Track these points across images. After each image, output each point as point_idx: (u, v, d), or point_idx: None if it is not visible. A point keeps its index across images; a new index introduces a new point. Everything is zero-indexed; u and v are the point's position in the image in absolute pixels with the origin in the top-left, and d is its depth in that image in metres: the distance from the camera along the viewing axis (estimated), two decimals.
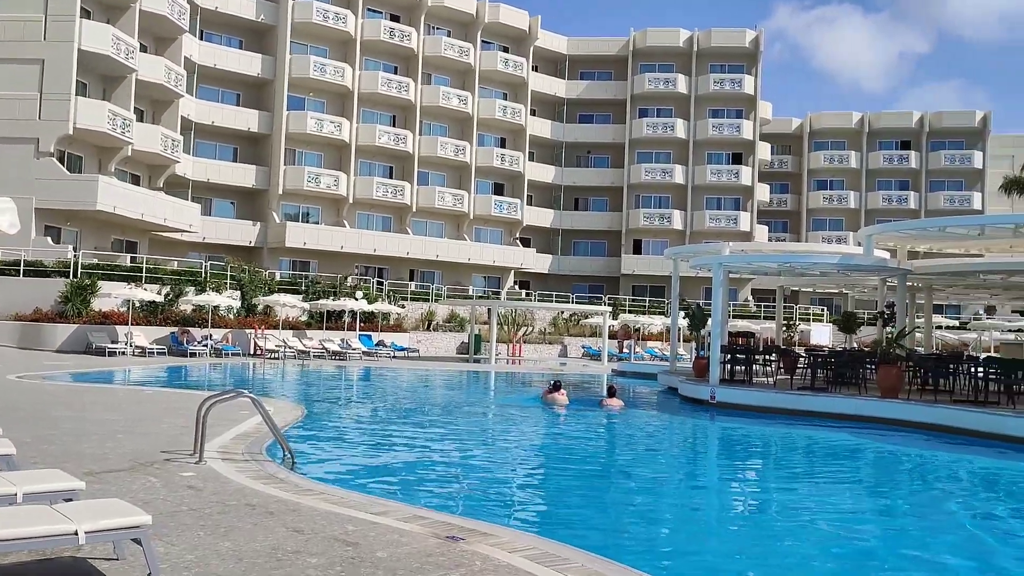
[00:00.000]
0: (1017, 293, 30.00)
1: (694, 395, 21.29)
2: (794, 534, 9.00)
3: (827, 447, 15.49)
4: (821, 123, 67.73)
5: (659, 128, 59.32)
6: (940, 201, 64.22)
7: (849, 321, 27.97)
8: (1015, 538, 9.21)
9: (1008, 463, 13.95)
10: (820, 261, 21.34)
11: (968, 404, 17.52)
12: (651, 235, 59.40)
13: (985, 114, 66.03)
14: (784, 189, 68.07)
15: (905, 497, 11.49)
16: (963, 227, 20.03)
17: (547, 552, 6.60)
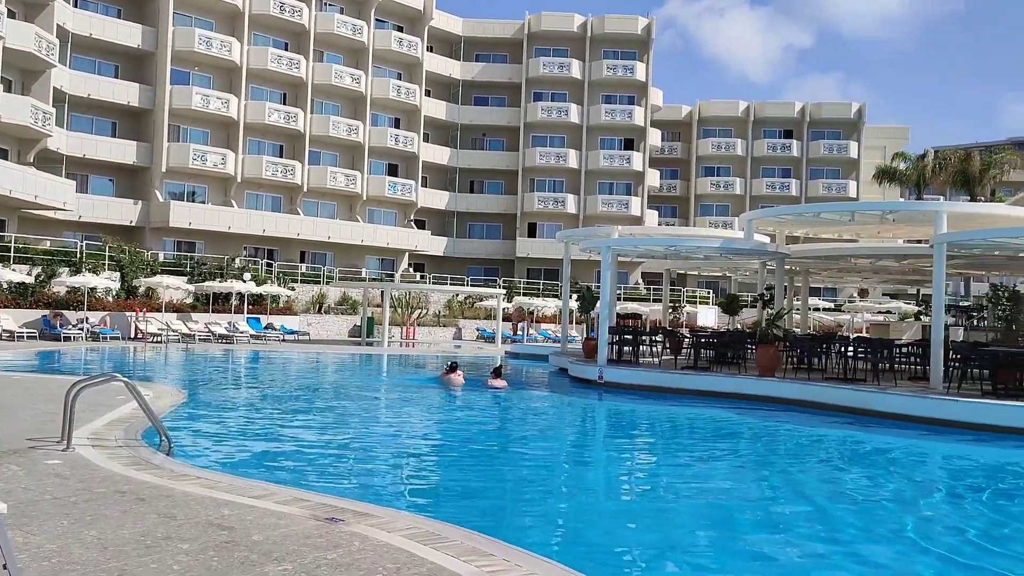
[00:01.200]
0: (886, 276, 31.73)
1: (583, 375, 21.70)
2: (676, 508, 9.31)
3: (708, 424, 16.05)
4: (709, 111, 69.74)
5: (553, 112, 59.84)
6: (819, 189, 67.19)
7: (732, 303, 29.04)
8: (874, 502, 9.78)
9: (871, 436, 14.76)
10: (703, 245, 22.05)
11: (838, 381, 18.46)
12: (546, 218, 60.00)
13: (860, 106, 69.33)
14: (674, 175, 69.85)
15: (779, 469, 12.03)
16: (835, 213, 21.03)
17: (427, 531, 6.63)
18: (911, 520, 8.97)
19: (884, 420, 15.86)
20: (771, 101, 70.33)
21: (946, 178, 50.24)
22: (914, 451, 13.74)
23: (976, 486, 11.25)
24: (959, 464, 12.99)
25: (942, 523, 9.09)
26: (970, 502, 10.24)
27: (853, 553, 7.60)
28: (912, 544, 7.99)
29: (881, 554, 7.59)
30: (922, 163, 50.95)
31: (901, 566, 7.28)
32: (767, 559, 7.32)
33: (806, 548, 7.74)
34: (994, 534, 8.59)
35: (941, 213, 18.61)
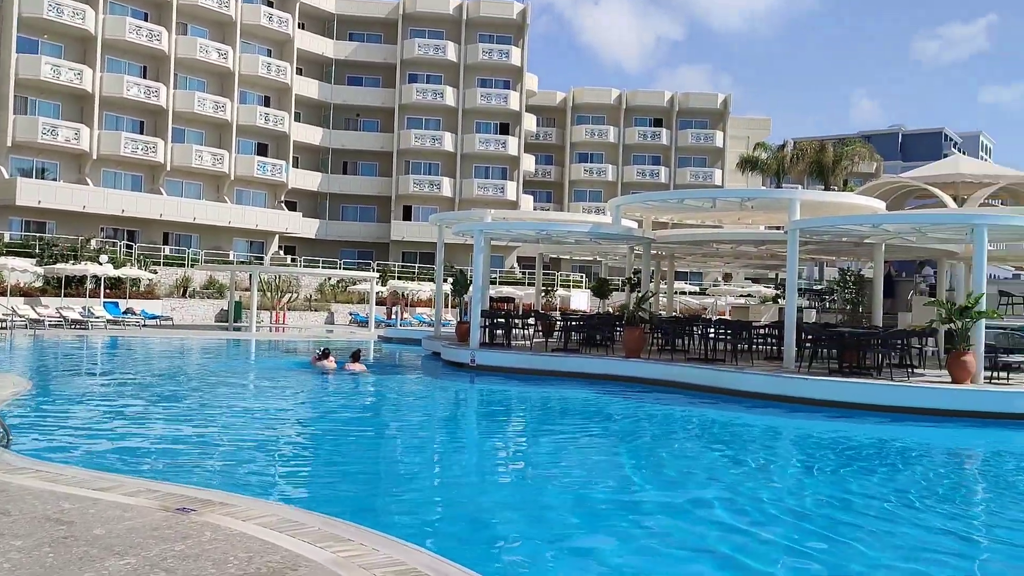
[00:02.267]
0: (746, 261, 33.15)
1: (455, 359, 21.72)
2: (544, 489, 9.44)
3: (574, 405, 16.37)
4: (583, 98, 70.88)
5: (429, 95, 59.42)
6: (687, 176, 69.52)
7: (602, 287, 29.71)
8: (729, 475, 10.23)
9: (729, 414, 15.41)
10: (573, 230, 22.42)
11: (699, 362, 19.20)
12: (421, 201, 59.62)
13: (726, 97, 72.04)
14: (549, 160, 70.73)
15: (641, 447, 12.40)
16: (698, 200, 21.78)
17: (285, 518, 6.48)
18: (763, 490, 9.42)
19: (742, 398, 16.58)
20: (642, 90, 72.14)
21: (803, 168, 53.06)
22: (764, 426, 14.43)
23: (821, 457, 11.93)
24: (804, 437, 13.73)
25: (789, 491, 9.59)
26: (816, 472, 10.85)
27: (717, 521, 7.91)
28: (764, 512, 8.39)
29: (732, 521, 7.93)
30: (781, 153, 53.63)
31: (751, 531, 7.63)
32: (628, 537, 7.53)
33: (666, 522, 8.01)
34: (838, 502, 9.13)
35: (795, 201, 19.57)
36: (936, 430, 14.09)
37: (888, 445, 12.83)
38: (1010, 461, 12.36)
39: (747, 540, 7.44)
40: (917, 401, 15.16)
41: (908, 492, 9.75)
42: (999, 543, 7.88)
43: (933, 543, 7.59)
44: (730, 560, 6.81)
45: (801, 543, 7.43)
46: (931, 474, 11.11)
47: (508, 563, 6.70)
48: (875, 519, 8.38)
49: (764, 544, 7.36)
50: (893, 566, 6.84)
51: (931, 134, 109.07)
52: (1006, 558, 7.37)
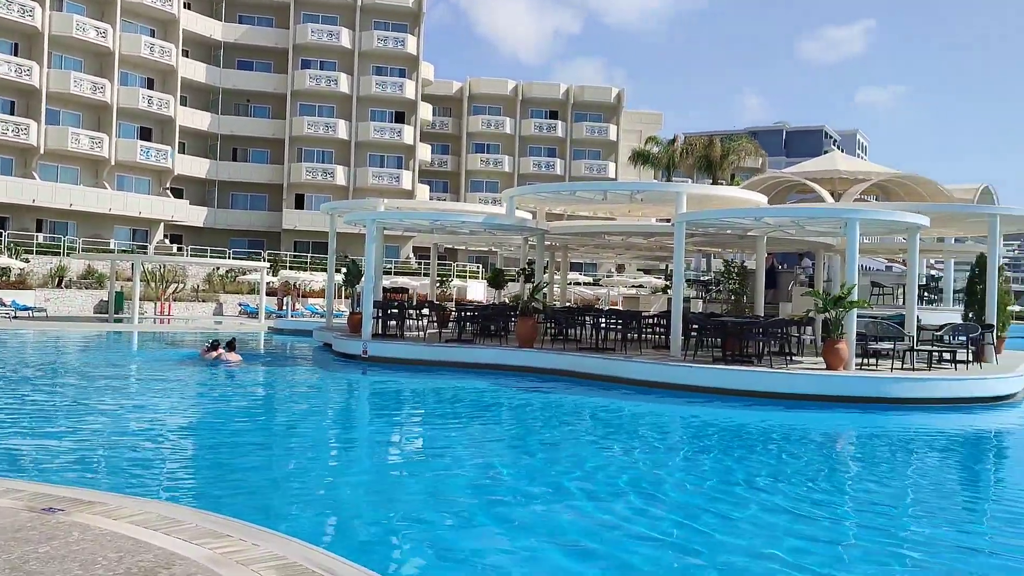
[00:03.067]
0: (637, 252, 33.94)
1: (347, 350, 21.45)
2: (434, 479, 9.43)
3: (467, 394, 16.42)
4: (480, 88, 70.90)
5: (322, 81, 58.22)
6: (582, 169, 70.51)
7: (497, 277, 29.90)
8: (618, 459, 10.47)
9: (616, 401, 15.77)
10: (467, 220, 22.43)
11: (590, 351, 19.55)
12: (314, 190, 58.44)
13: (619, 91, 73.33)
14: (445, 150, 70.51)
15: (535, 434, 12.54)
16: (589, 192, 22.16)
17: (160, 516, 6.26)
18: (644, 473, 9.69)
19: (631, 386, 16.99)
20: (538, 82, 72.68)
21: (693, 162, 54.50)
22: (646, 413, 14.82)
23: (697, 442, 12.35)
24: (684, 423, 14.17)
25: (671, 475, 9.89)
26: (697, 455, 11.23)
27: (606, 509, 8.08)
28: (642, 493, 8.63)
29: (615, 503, 8.13)
30: (672, 147, 54.90)
31: (618, 517, 7.84)
32: (507, 526, 7.61)
33: (553, 507, 8.13)
34: (701, 484, 9.47)
35: (681, 194, 20.12)
36: (810, 414, 14.76)
37: (755, 428, 13.37)
38: (878, 443, 13.09)
39: (610, 526, 7.63)
40: (794, 387, 15.86)
41: (768, 474, 10.20)
42: (864, 527, 8.33)
43: (796, 523, 7.96)
44: (606, 548, 6.97)
45: (670, 525, 7.68)
46: (800, 457, 11.64)
47: (391, 555, 6.68)
48: (742, 501, 8.73)
49: (626, 529, 7.56)
50: (753, 548, 7.14)
51: (813, 131, 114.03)
52: (870, 535, 7.80)
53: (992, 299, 20.58)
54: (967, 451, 13.11)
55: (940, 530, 8.00)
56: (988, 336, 19.73)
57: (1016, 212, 21.12)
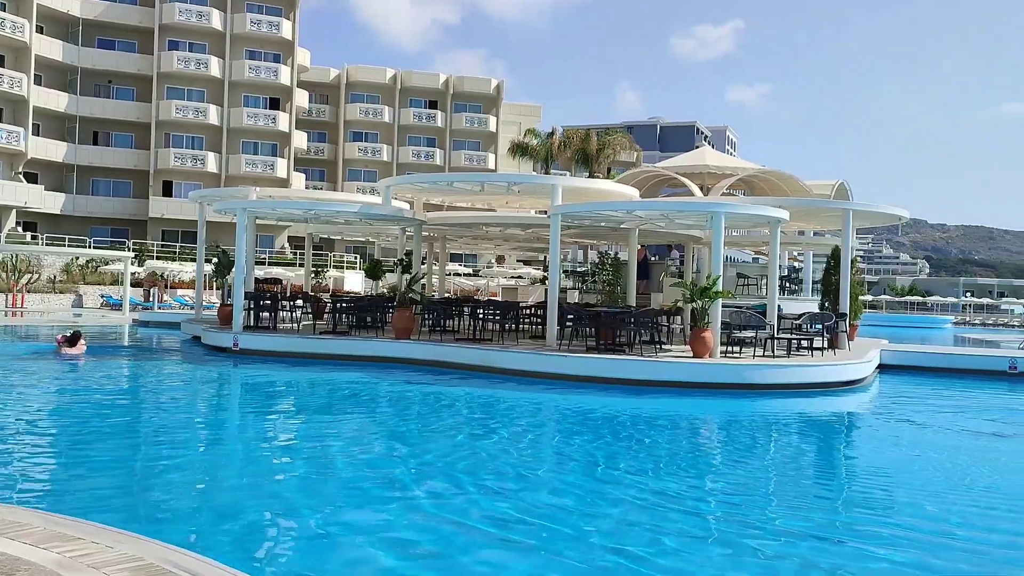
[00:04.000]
0: (515, 244, 34.25)
1: (217, 343, 20.77)
2: (304, 474, 9.25)
3: (341, 387, 16.18)
4: (358, 76, 69.77)
5: (192, 64, 55.95)
6: (461, 159, 70.51)
7: (375, 268, 29.46)
8: (483, 447, 10.56)
9: (494, 391, 15.90)
10: (342, 210, 22.07)
11: (468, 342, 19.62)
12: (183, 177, 56.16)
13: (499, 83, 73.68)
14: (322, 138, 69.09)
15: (407, 426, 12.48)
16: (467, 183, 22.19)
17: (3, 520, 5.88)
18: (505, 465, 9.83)
19: (508, 376, 17.16)
20: (418, 71, 72.16)
21: (570, 155, 55.44)
22: (523, 402, 15.03)
23: (569, 429, 12.62)
24: (559, 411, 14.44)
25: (532, 463, 10.06)
26: (565, 443, 11.47)
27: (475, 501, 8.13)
28: (492, 486, 8.75)
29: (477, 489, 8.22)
30: (551, 140, 55.67)
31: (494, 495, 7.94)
32: (374, 519, 7.57)
33: (426, 500, 8.13)
34: (584, 464, 9.71)
35: (557, 186, 20.43)
36: (678, 401, 15.32)
37: (624, 416, 13.77)
38: (739, 427, 13.72)
39: (456, 519, 7.72)
40: (663, 375, 16.41)
41: (629, 460, 10.54)
42: (721, 512, 8.72)
43: (653, 507, 8.26)
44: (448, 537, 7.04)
45: (544, 510, 7.83)
46: (660, 442, 12.07)
47: (256, 552, 6.53)
48: (602, 488, 8.99)
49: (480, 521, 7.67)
50: (612, 534, 7.36)
51: (685, 127, 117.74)
52: (723, 511, 8.17)
53: (845, 290, 21.86)
54: (822, 434, 13.90)
55: (796, 513, 8.46)
56: (842, 324, 20.96)
57: (867, 207, 22.49)
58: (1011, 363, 21.40)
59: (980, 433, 13.24)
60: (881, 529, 7.70)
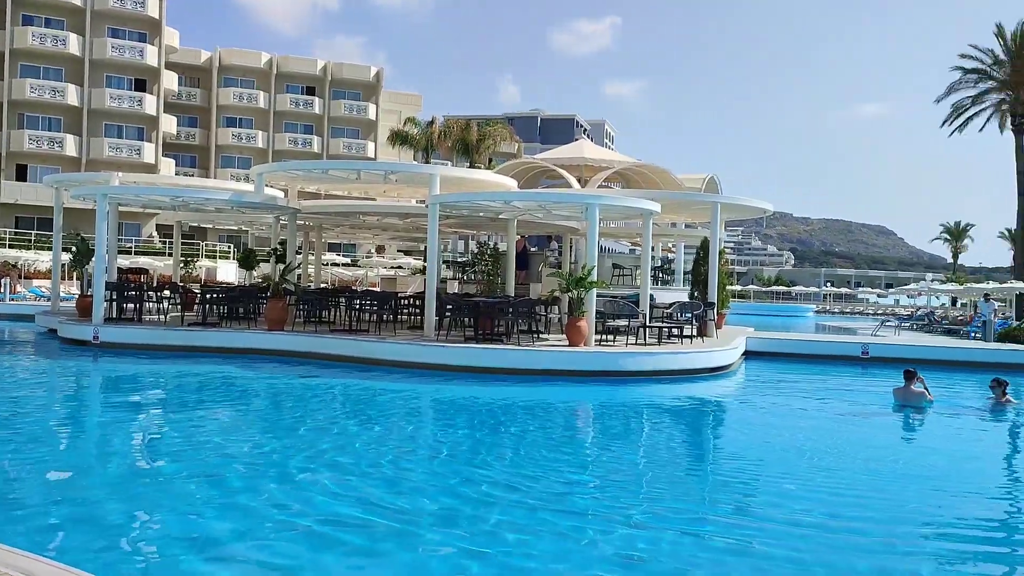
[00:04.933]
0: (394, 233, 33.88)
1: (76, 336, 19.65)
2: (165, 474, 8.86)
3: (208, 380, 15.62)
4: (231, 59, 67.31)
5: (48, 40, 52.60)
6: (340, 147, 69.13)
7: (248, 258, 28.57)
8: (349, 440, 10.39)
9: (368, 383, 15.69)
10: (212, 197, 21.25)
11: (344, 333, 19.28)
12: (40, 160, 52.82)
13: (379, 70, 72.63)
14: (193, 123, 66.38)
15: (275, 418, 12.15)
16: (343, 171, 21.75)
17: None
18: (389, 451, 9.72)
19: (385, 367, 16.97)
20: (294, 56, 70.25)
21: (451, 145, 55.34)
22: (394, 393, 14.89)
23: (442, 418, 12.60)
24: (434, 402, 14.40)
25: (395, 454, 10.00)
26: (436, 433, 11.44)
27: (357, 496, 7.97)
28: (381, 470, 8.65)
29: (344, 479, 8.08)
30: (431, 129, 55.38)
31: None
32: (230, 516, 7.34)
33: (300, 493, 7.92)
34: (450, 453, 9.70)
35: (435, 176, 20.30)
36: (554, 389, 15.52)
37: (498, 404, 13.87)
38: (610, 414, 14.03)
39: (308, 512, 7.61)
40: (540, 363, 16.60)
41: (501, 448, 10.63)
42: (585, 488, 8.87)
43: (511, 495, 8.34)
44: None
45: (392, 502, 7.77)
46: (537, 429, 12.20)
47: (105, 554, 6.19)
48: (471, 478, 9.02)
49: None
50: (473, 525, 7.40)
51: (565, 120, 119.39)
52: (591, 497, 8.32)
53: (713, 280, 22.68)
54: (689, 418, 14.37)
55: (658, 497, 8.70)
56: (710, 313, 21.75)
57: (733, 201, 23.39)
58: (863, 348, 22.77)
59: (837, 415, 14.01)
60: (741, 511, 8.01)
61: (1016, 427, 14.01)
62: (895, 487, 9.09)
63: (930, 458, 11.13)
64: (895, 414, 14.12)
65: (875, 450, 11.22)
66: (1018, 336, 25.95)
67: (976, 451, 11.94)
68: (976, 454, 11.67)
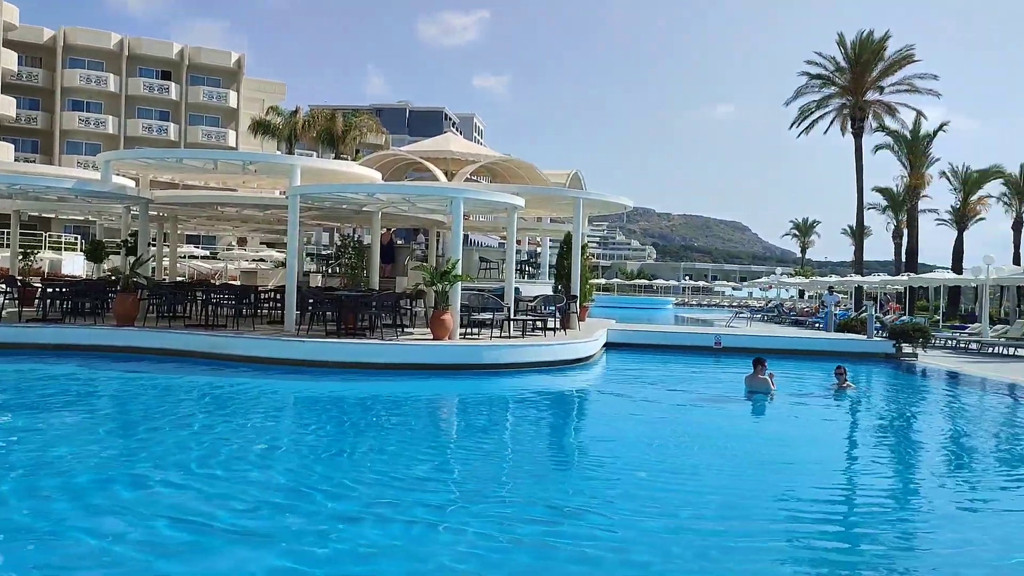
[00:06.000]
0: (255, 225, 32.83)
1: None
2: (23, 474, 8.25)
3: (46, 379, 14.67)
4: (77, 39, 63.37)
5: None
6: (199, 135, 66.33)
7: (96, 250, 26.96)
8: (193, 439, 10.00)
9: (225, 379, 15.13)
10: (53, 185, 19.89)
11: (200, 328, 18.52)
12: None
13: (240, 56, 70.09)
14: (35, 105, 62.16)
15: (120, 419, 11.54)
16: (198, 160, 20.86)
17: None
18: (252, 449, 9.40)
19: (244, 363, 16.41)
20: (148, 38, 66.84)
21: (316, 135, 54.08)
22: (258, 389, 14.46)
23: (301, 415, 12.32)
24: (297, 396, 14.05)
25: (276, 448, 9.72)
26: (295, 427, 11.17)
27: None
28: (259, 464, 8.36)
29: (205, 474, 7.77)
30: (295, 118, 53.92)
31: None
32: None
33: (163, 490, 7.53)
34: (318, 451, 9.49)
35: (296, 167, 19.78)
36: (417, 383, 15.43)
37: (349, 399, 13.70)
38: (473, 407, 14.08)
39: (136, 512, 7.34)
40: (404, 358, 16.47)
41: (358, 445, 10.52)
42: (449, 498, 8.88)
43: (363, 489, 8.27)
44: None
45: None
46: (397, 425, 12.12)
47: None
48: (335, 469, 8.88)
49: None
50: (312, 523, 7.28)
51: (434, 112, 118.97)
52: (448, 491, 8.32)
53: (576, 273, 23.14)
54: (550, 409, 14.63)
55: (515, 487, 8.80)
56: (573, 306, 22.18)
57: (595, 196, 23.93)
58: (716, 339, 23.83)
59: (690, 402, 14.59)
60: (595, 501, 8.20)
61: (855, 409, 15.07)
62: (745, 466, 9.59)
63: (778, 440, 11.80)
64: (745, 400, 14.85)
65: (724, 433, 11.74)
66: (855, 327, 27.80)
67: (818, 433, 12.73)
68: (817, 436, 12.44)
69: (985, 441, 12.61)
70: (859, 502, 8.77)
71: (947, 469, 10.52)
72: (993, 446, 12.26)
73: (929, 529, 7.67)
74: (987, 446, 12.24)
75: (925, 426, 13.92)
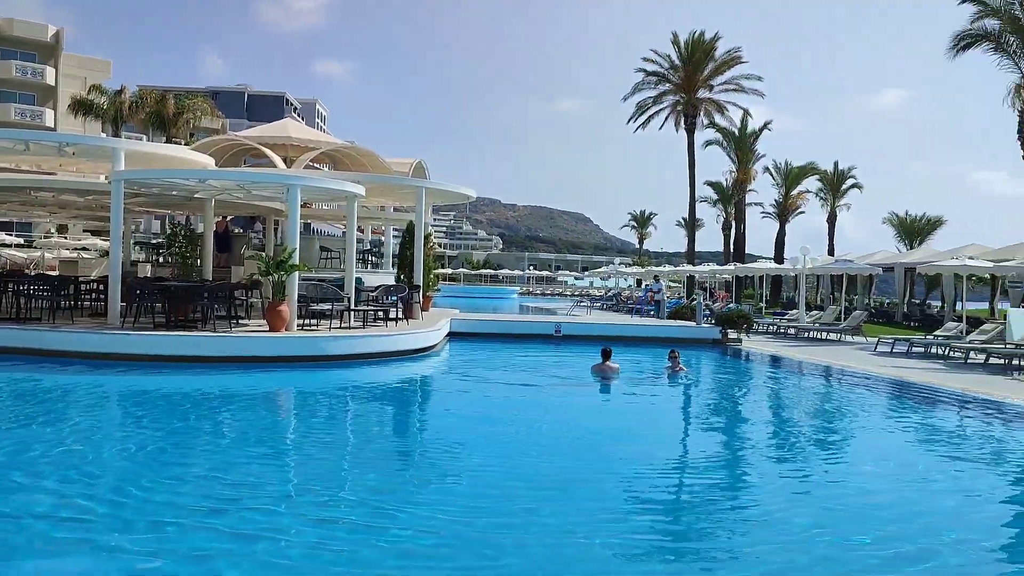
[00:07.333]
0: (77, 212, 30.71)
1: None
2: None
3: None
4: None
5: None
6: (11, 113, 61.25)
7: None
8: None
9: (46, 375, 14.10)
10: None
11: (10, 322, 17.16)
12: None
13: (59, 31, 65.22)
14: None
15: None
16: (8, 141, 19.25)
17: None
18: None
19: (61, 359, 15.33)
20: None
21: (145, 117, 51.24)
22: (72, 386, 13.58)
23: (123, 413, 11.67)
24: (116, 394, 13.29)
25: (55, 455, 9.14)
26: (112, 429, 10.57)
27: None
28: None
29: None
30: (120, 99, 50.84)
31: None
32: None
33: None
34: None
35: (119, 150, 18.63)
36: (251, 376, 14.93)
37: (175, 394, 13.09)
38: (308, 399, 13.78)
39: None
40: (237, 350, 15.90)
41: (176, 444, 10.12)
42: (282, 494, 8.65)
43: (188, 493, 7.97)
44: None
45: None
46: (225, 420, 11.71)
47: None
48: (150, 471, 8.49)
49: None
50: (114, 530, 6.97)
51: (275, 97, 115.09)
52: (280, 489, 8.12)
53: (419, 263, 23.06)
54: (389, 400, 14.52)
55: (356, 480, 8.69)
56: (416, 296, 22.10)
57: (438, 186, 23.93)
58: (556, 328, 24.42)
59: (522, 385, 14.89)
60: (436, 490, 8.22)
61: (688, 389, 15.96)
62: (585, 447, 9.92)
63: (619, 420, 12.30)
64: (588, 386, 15.41)
65: (567, 419, 12.06)
66: (686, 314, 29.19)
67: (655, 412, 13.37)
68: (655, 416, 13.05)
69: (800, 415, 13.66)
70: (687, 479, 9.22)
71: (768, 441, 11.28)
72: (809, 421, 13.26)
73: (752, 501, 8.18)
74: (802, 420, 13.25)
75: (748, 403, 15.01)
